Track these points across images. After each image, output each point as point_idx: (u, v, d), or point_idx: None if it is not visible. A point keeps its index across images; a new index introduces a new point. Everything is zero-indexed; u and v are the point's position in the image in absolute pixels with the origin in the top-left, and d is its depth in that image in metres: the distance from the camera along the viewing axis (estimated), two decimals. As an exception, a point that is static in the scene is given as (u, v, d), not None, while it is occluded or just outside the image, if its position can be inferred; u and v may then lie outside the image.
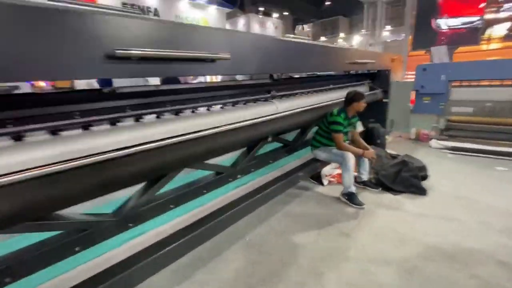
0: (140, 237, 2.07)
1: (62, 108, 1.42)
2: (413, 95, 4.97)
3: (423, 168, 3.00)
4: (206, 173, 2.40)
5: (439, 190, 2.87)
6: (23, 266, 1.33)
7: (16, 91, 4.46)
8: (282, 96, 2.72)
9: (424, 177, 2.96)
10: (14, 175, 1.00)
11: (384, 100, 4.63)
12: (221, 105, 2.20)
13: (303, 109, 2.75)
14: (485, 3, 7.25)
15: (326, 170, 3.31)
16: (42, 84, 5.63)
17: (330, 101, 3.12)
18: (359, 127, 4.60)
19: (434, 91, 4.64)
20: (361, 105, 2.68)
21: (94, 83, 2.96)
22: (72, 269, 1.42)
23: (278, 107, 2.55)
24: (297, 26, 11.02)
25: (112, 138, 1.48)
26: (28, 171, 1.05)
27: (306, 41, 3.01)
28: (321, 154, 2.86)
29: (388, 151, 4.00)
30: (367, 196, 2.81)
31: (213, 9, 9.54)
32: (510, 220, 2.26)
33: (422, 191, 2.77)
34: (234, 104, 2.33)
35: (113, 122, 1.57)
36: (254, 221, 2.41)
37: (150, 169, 1.63)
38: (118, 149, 1.43)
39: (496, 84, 4.26)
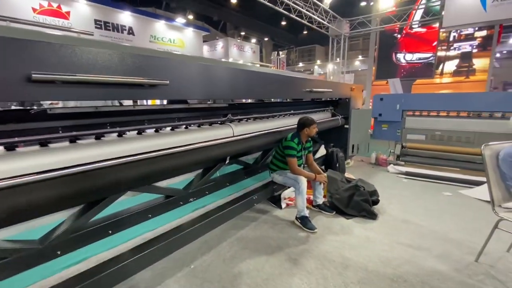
0: (76, 265, 1.95)
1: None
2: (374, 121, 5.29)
3: (374, 193, 3.13)
4: (156, 196, 2.34)
5: (388, 214, 3.00)
6: None
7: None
8: (239, 120, 2.79)
9: (376, 202, 3.08)
10: None
11: (345, 126, 4.87)
12: (171, 127, 2.20)
13: (261, 133, 2.83)
14: (437, 42, 8.09)
15: (286, 193, 3.36)
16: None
17: (289, 126, 3.24)
18: (321, 150, 4.79)
19: (391, 119, 4.97)
20: (312, 130, 2.80)
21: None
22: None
23: (235, 130, 2.60)
24: (272, 52, 11.61)
25: (42, 159, 1.43)
26: None
27: (262, 69, 3.14)
28: (277, 177, 2.91)
29: (347, 174, 4.15)
30: (321, 220, 2.86)
31: (190, 31, 9.76)
32: (446, 246, 2.39)
33: (372, 215, 2.87)
34: (186, 126, 2.34)
35: (43, 143, 1.51)
36: (204, 247, 2.35)
37: (86, 191, 1.55)
38: (47, 170, 1.38)
39: (444, 115, 4.66)
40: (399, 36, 8.77)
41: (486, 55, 7.48)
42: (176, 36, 9.02)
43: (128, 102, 2.08)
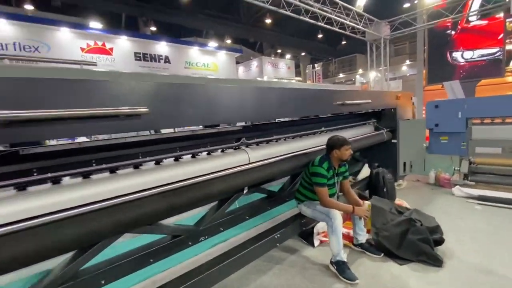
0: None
1: None
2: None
3: (436, 229, 2.41)
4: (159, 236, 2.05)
5: (459, 258, 2.25)
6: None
7: None
8: (257, 143, 2.42)
9: (439, 242, 2.35)
10: None
11: (393, 141, 4.15)
12: (175, 158, 1.93)
13: (284, 157, 2.41)
14: (504, 34, 6.80)
15: (320, 227, 2.81)
16: None
17: (318, 146, 2.76)
18: (365, 170, 4.10)
19: (451, 129, 4.09)
20: (344, 152, 2.28)
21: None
22: None
23: (251, 156, 2.24)
24: (307, 66, 11.21)
25: (19, 205, 1.26)
26: None
27: (278, 85, 2.77)
28: (305, 209, 2.43)
29: (397, 201, 3.42)
30: (364, 265, 2.26)
31: (222, 54, 9.99)
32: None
33: (435, 261, 2.17)
34: (193, 155, 2.06)
35: (19, 187, 1.35)
36: (214, 299, 1.95)
37: (74, 238, 1.34)
38: (26, 219, 1.21)
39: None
40: (453, 32, 7.62)
41: None
42: (209, 60, 9.29)
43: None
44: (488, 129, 3.89)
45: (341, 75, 26.92)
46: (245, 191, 2.40)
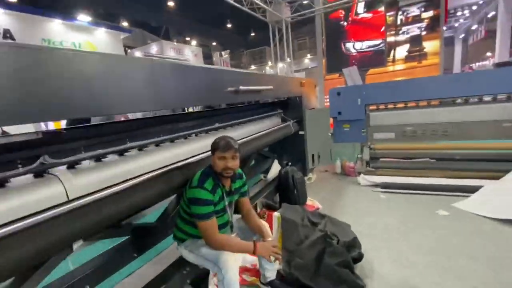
0: None
1: None
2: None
3: (353, 244, 1.99)
4: None
5: (379, 275, 1.87)
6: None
7: None
8: (72, 163, 1.40)
9: (358, 259, 1.92)
10: None
11: (300, 133, 3.76)
12: None
13: (143, 178, 1.48)
14: (385, 27, 7.58)
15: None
16: None
17: (203, 153, 1.94)
18: (274, 168, 3.58)
19: (352, 117, 3.99)
20: (216, 163, 1.51)
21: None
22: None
23: (68, 187, 1.22)
24: (214, 53, 10.29)
25: None
26: None
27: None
28: (187, 254, 1.58)
29: (309, 202, 3.01)
30: (274, 317, 1.61)
31: (101, 33, 7.82)
32: None
33: (357, 289, 1.71)
34: None
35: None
36: None
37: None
38: None
39: (413, 106, 3.80)
40: (345, 23, 8.14)
41: (435, 37, 7.15)
42: (82, 39, 7.08)
43: None
44: (383, 115, 3.94)
45: (252, 66, 27.24)
46: (75, 247, 1.40)
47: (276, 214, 2.27)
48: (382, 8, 7.48)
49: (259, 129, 2.94)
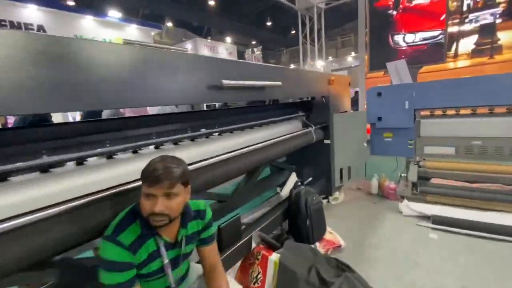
0: None
1: None
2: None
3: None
4: None
5: None
6: None
7: None
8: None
9: None
10: None
11: (326, 141, 3.04)
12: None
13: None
14: (446, 14, 6.28)
15: None
16: None
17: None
18: (290, 183, 2.90)
19: (397, 124, 3.13)
20: (142, 203, 0.92)
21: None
22: None
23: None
24: (247, 50, 9.86)
25: None
26: None
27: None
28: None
29: (329, 236, 2.29)
30: None
31: (132, 29, 7.93)
32: None
33: None
34: None
35: None
36: None
37: None
38: None
39: (484, 113, 2.81)
40: (394, 12, 6.96)
41: (514, 25, 5.64)
42: (113, 35, 7.22)
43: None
44: (439, 124, 3.00)
45: (292, 65, 26.57)
46: None
47: (273, 258, 1.67)
48: (443, -9, 6.19)
49: (270, 136, 2.32)
